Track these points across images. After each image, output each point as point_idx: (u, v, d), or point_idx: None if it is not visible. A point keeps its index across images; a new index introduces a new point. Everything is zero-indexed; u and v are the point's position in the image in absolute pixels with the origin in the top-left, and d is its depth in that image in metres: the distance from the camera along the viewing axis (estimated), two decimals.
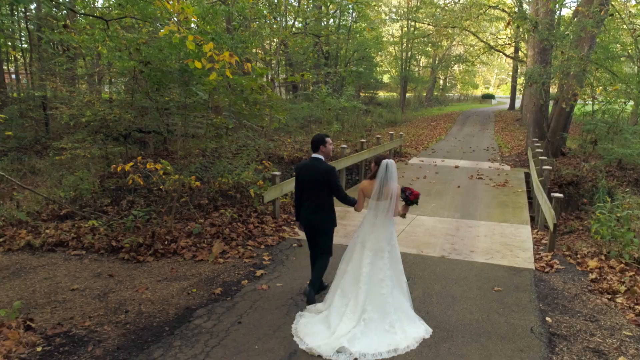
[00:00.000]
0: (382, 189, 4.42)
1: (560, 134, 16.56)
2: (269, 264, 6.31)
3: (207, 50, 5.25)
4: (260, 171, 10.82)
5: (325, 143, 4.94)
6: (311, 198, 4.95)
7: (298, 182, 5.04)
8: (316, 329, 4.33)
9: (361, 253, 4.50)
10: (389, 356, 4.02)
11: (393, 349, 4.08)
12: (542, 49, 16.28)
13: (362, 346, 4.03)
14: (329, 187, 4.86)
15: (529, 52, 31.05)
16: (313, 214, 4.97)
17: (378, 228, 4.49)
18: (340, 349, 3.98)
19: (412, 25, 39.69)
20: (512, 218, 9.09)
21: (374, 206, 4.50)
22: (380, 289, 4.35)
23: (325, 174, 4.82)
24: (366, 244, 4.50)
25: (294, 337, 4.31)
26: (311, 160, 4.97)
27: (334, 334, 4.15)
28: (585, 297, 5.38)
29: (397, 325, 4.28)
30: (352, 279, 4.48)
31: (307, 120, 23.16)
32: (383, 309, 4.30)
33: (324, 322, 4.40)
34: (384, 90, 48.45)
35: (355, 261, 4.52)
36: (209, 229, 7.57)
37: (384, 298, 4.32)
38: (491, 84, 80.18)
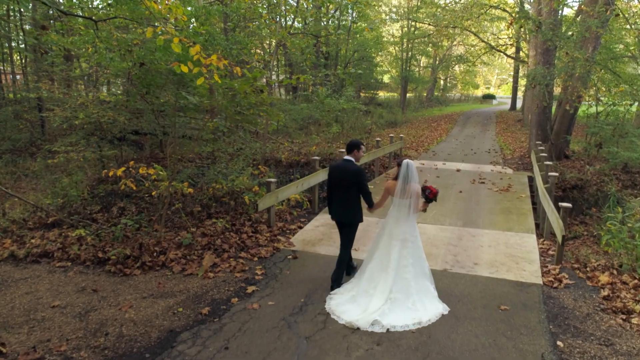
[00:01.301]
0: (404, 188, 5.11)
1: (563, 137, 16.21)
2: (262, 278, 5.97)
3: (193, 53, 4.91)
4: (256, 176, 10.49)
5: (359, 149, 5.57)
6: (341, 195, 5.53)
7: (330, 179, 5.63)
8: (347, 307, 5.00)
9: (389, 243, 5.18)
10: (414, 327, 4.75)
11: (417, 322, 4.81)
12: (545, 49, 15.93)
13: (391, 319, 4.76)
14: (357, 186, 5.43)
15: (530, 53, 30.69)
16: (342, 209, 5.56)
17: (401, 222, 5.17)
18: (374, 322, 4.72)
19: (413, 25, 39.35)
20: (517, 226, 8.75)
21: (398, 203, 5.16)
22: (404, 274, 5.08)
23: (355, 174, 5.42)
24: (392, 235, 5.17)
25: (331, 315, 4.97)
26: (343, 161, 5.59)
27: (367, 311, 4.85)
28: (598, 317, 5.04)
29: (418, 304, 4.99)
30: (379, 265, 5.18)
31: (307, 121, 22.82)
32: (407, 290, 5.02)
33: (352, 301, 5.09)
34: (384, 91, 48.09)
35: (382, 250, 5.21)
36: (200, 239, 7.23)
37: (407, 282, 5.05)
38: (492, 84, 79.81)
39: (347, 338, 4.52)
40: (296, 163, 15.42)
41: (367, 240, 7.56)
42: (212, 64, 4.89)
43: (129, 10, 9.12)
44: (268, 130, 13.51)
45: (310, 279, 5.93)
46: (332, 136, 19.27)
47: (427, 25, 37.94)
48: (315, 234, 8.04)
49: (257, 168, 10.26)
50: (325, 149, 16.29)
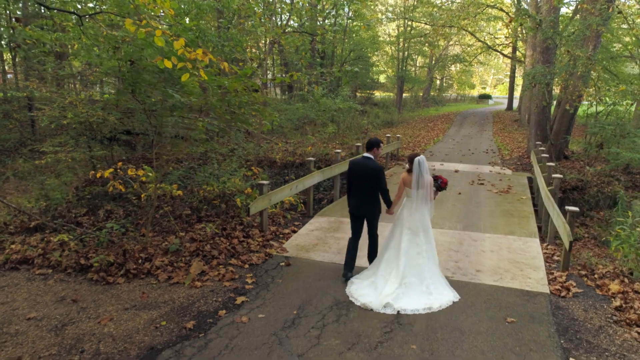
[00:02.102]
0: (419, 180, 5.47)
1: (563, 137, 15.93)
2: (252, 288, 5.61)
3: (177, 47, 4.55)
4: (249, 178, 10.13)
5: (379, 147, 5.93)
6: (361, 190, 5.81)
7: (350, 175, 5.90)
8: (366, 291, 5.34)
9: (401, 232, 5.55)
10: (424, 312, 5.00)
11: (428, 307, 5.07)
12: (545, 48, 15.63)
13: (402, 303, 5.06)
14: (377, 183, 5.72)
15: (527, 52, 30.55)
16: (362, 203, 5.86)
17: (415, 212, 5.53)
18: (386, 305, 5.04)
19: (409, 25, 39.06)
20: (519, 230, 8.43)
21: (415, 194, 5.53)
22: (417, 260, 5.41)
23: (375, 171, 5.70)
24: (404, 224, 5.55)
25: (350, 297, 5.33)
26: (363, 158, 5.87)
27: (381, 294, 5.19)
28: (611, 330, 4.71)
29: (432, 288, 5.30)
30: (394, 252, 5.57)
31: (302, 121, 22.48)
32: (420, 275, 5.34)
33: (372, 286, 5.43)
34: (380, 91, 47.76)
35: (397, 239, 5.58)
36: (189, 244, 6.86)
37: (420, 267, 5.38)
38: (488, 84, 79.67)
39: (343, 355, 4.17)
40: (291, 164, 15.07)
41: (362, 246, 7.19)
42: (197, 58, 4.54)
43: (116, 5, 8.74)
44: (262, 131, 13.12)
45: (303, 288, 5.58)
46: (327, 136, 18.92)
47: (424, 24, 37.66)
48: (310, 238, 7.69)
49: (250, 169, 9.91)
50: (321, 150, 15.95)
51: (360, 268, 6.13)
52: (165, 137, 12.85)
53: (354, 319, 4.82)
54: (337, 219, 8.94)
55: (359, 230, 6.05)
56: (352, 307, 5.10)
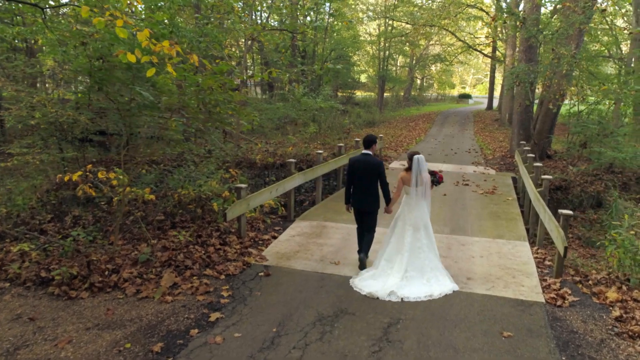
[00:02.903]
0: (418, 178, 5.70)
1: (546, 136, 15.81)
2: (228, 302, 5.16)
3: (142, 39, 4.09)
4: (227, 180, 9.67)
5: (375, 143, 6.21)
6: (363, 185, 6.08)
7: (351, 172, 6.13)
8: (369, 283, 5.59)
9: (403, 228, 5.77)
10: (426, 299, 5.29)
11: (429, 294, 5.37)
12: (528, 46, 15.48)
13: (405, 292, 5.35)
14: (378, 177, 6.03)
15: (507, 52, 30.68)
16: (364, 199, 6.13)
17: (414, 208, 5.75)
18: (390, 293, 5.32)
19: (390, 24, 38.90)
20: (507, 233, 8.15)
21: (414, 192, 5.74)
22: (418, 254, 5.65)
23: (377, 166, 6.02)
24: (406, 221, 5.76)
25: (354, 288, 5.56)
26: (362, 155, 6.12)
27: (385, 285, 5.45)
28: (614, 344, 4.41)
29: (432, 280, 5.57)
30: (395, 248, 5.77)
31: (283, 121, 22.04)
32: (421, 269, 5.60)
33: (373, 278, 5.67)
34: (361, 90, 47.56)
35: (398, 235, 5.79)
36: (160, 254, 6.37)
37: (421, 261, 5.64)
38: (468, 84, 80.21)
39: None
40: (271, 165, 14.62)
41: (349, 254, 6.85)
42: (163, 50, 4.09)
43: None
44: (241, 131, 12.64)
45: (284, 302, 5.16)
46: (309, 136, 18.51)
47: (405, 24, 37.54)
48: (291, 245, 7.27)
49: (228, 171, 9.43)
50: (302, 150, 15.53)
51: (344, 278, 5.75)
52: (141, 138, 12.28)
53: (339, 337, 4.42)
54: (319, 222, 8.54)
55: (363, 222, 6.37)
56: (336, 323, 4.70)
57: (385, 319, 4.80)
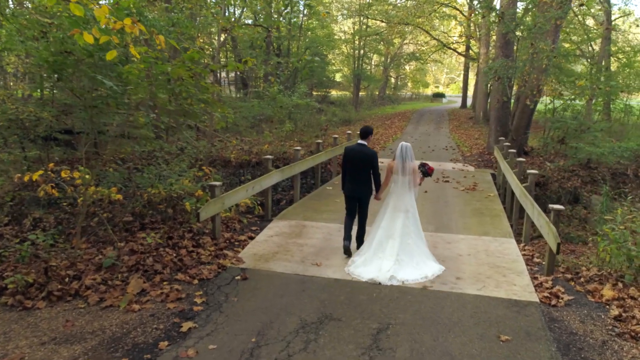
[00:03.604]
0: (404, 166, 5.91)
1: (523, 132, 15.78)
2: (202, 310, 4.71)
3: (101, 16, 3.62)
4: (200, 179, 9.17)
5: (372, 134, 6.47)
6: (356, 174, 6.34)
7: (346, 160, 6.42)
8: (363, 269, 5.72)
9: (392, 215, 6.00)
10: (422, 280, 5.56)
11: (424, 276, 5.64)
12: (505, 43, 15.41)
13: (402, 275, 5.56)
14: (372, 166, 6.27)
15: (481, 50, 30.82)
16: (356, 186, 6.38)
17: (402, 196, 6.00)
18: (391, 277, 5.50)
19: (364, 23, 38.76)
20: (493, 230, 7.91)
21: (398, 180, 5.99)
22: (407, 240, 5.91)
23: (370, 156, 6.26)
24: (395, 208, 6.01)
25: (352, 275, 5.67)
26: (358, 145, 6.35)
27: (381, 270, 5.60)
28: (616, 346, 4.15)
29: (421, 264, 5.82)
30: (385, 233, 5.95)
31: (258, 119, 21.56)
32: (410, 253, 5.84)
33: (365, 265, 5.79)
34: (336, 89, 47.33)
35: (387, 221, 5.99)
36: (127, 258, 5.87)
37: (409, 246, 5.89)
38: (441, 83, 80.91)
39: None
40: (247, 163, 14.16)
41: (331, 254, 6.48)
42: (125, 29, 3.62)
43: None
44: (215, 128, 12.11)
45: (263, 308, 4.74)
46: (285, 134, 18.08)
47: (380, 22, 37.46)
48: (269, 246, 6.85)
49: (201, 169, 8.93)
50: (279, 148, 15.09)
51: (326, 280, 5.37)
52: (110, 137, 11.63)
53: (325, 346, 4.03)
54: (298, 222, 8.14)
55: (354, 209, 6.55)
56: (321, 330, 4.31)
57: (373, 324, 4.44)
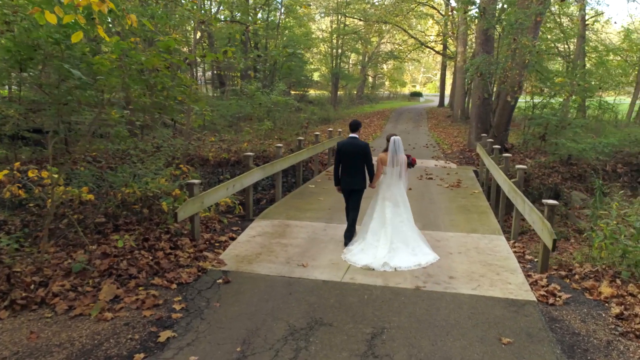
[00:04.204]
0: (394, 158, 6.19)
1: (504, 129, 15.76)
2: (181, 317, 4.35)
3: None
4: (177, 177, 8.76)
5: (361, 127, 6.75)
6: (351, 166, 6.47)
7: (340, 154, 6.52)
8: (360, 257, 5.89)
9: (383, 205, 6.25)
10: (415, 267, 5.68)
11: (417, 263, 5.76)
12: (486, 39, 15.36)
13: (396, 262, 5.71)
14: (365, 158, 6.43)
15: (458, 49, 30.96)
16: (352, 178, 6.49)
17: (393, 187, 6.27)
18: (384, 264, 5.65)
19: (342, 22, 38.60)
20: (481, 227, 7.73)
21: (390, 171, 6.25)
22: (401, 228, 6.12)
23: (363, 148, 6.43)
24: (386, 198, 6.25)
25: (348, 262, 5.84)
26: (350, 138, 6.52)
27: (376, 258, 5.78)
28: (622, 346, 3.96)
29: (417, 250, 6.00)
30: (378, 222, 6.20)
31: (236, 117, 21.14)
32: (405, 241, 6.03)
33: (362, 253, 5.99)
34: (314, 89, 47.07)
35: (379, 211, 6.25)
36: (99, 261, 5.45)
37: (404, 234, 6.09)
38: (418, 82, 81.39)
39: None
40: (225, 162, 13.74)
41: (317, 254, 6.18)
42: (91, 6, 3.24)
43: None
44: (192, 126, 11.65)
45: (248, 314, 4.41)
46: (263, 133, 17.69)
47: (358, 20, 37.36)
48: (252, 246, 6.51)
49: (178, 168, 8.53)
50: (258, 146, 14.72)
51: (308, 280, 5.05)
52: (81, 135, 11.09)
53: (317, 354, 3.73)
54: (281, 221, 7.81)
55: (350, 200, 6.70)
56: (312, 337, 4.00)
57: (367, 328, 4.16)
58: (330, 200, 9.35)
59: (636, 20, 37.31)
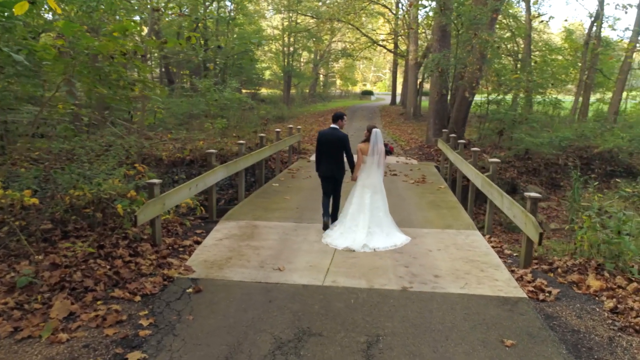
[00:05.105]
0: (374, 148, 6.62)
1: (462, 125, 15.90)
2: (150, 334, 3.82)
3: None
4: (132, 178, 8.09)
5: (343, 119, 6.99)
6: (331, 155, 6.83)
7: (320, 144, 6.90)
8: (340, 241, 6.25)
9: (362, 191, 6.63)
10: (392, 248, 6.13)
11: (393, 244, 6.23)
12: (443, 35, 15.43)
13: (374, 244, 6.16)
14: (343, 148, 6.81)
15: (410, 47, 31.35)
16: (332, 167, 6.87)
17: (372, 175, 6.65)
18: (363, 246, 6.10)
19: (293, 20, 38.19)
20: (454, 222, 7.58)
21: (370, 160, 6.64)
22: (377, 213, 6.53)
23: (342, 139, 6.82)
24: (365, 186, 6.62)
25: (329, 245, 6.20)
26: (330, 129, 6.91)
27: (355, 241, 6.17)
28: (624, 342, 3.81)
29: (390, 234, 6.44)
30: (357, 208, 6.56)
31: (187, 116, 20.32)
32: (380, 225, 6.45)
33: (341, 237, 6.34)
34: (266, 87, 46.42)
35: (358, 197, 6.62)
36: (48, 273, 4.80)
37: (379, 219, 6.50)
38: (369, 81, 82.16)
39: None
40: (180, 161, 13.05)
41: (292, 257, 5.78)
42: None
43: None
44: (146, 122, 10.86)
45: (227, 327, 3.94)
46: (216, 132, 17.02)
47: (311, 18, 37.08)
48: (220, 250, 6.01)
49: (132, 167, 7.86)
50: (215, 144, 14.08)
51: (292, 286, 4.65)
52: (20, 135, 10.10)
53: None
54: (248, 222, 7.34)
55: (330, 189, 7.06)
56: (302, 350, 3.60)
57: (360, 337, 3.80)
58: (297, 199, 8.95)
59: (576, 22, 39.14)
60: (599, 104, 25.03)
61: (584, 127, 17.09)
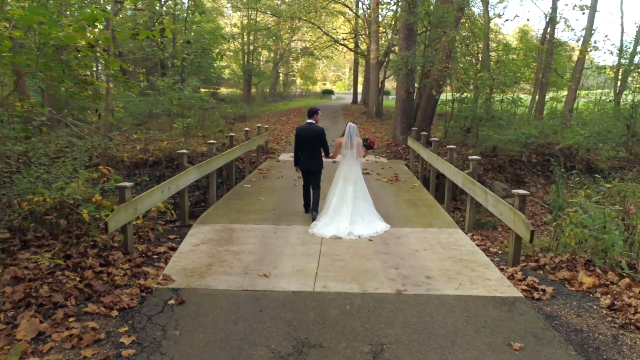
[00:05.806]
0: (351, 141, 7.07)
1: (429, 123, 15.99)
2: (134, 353, 3.46)
3: None
4: (97, 181, 7.58)
5: (318, 113, 7.56)
6: (308, 150, 7.32)
7: (299, 138, 7.37)
8: (325, 230, 6.66)
9: (344, 184, 7.09)
10: (375, 234, 6.62)
11: (375, 231, 6.71)
12: (409, 33, 15.45)
13: (358, 231, 6.61)
14: (321, 141, 7.28)
15: (372, 46, 31.46)
16: (310, 161, 7.38)
17: (351, 167, 7.14)
18: (349, 233, 6.52)
19: (253, 18, 37.67)
20: (435, 220, 7.50)
21: (348, 153, 7.12)
22: (358, 203, 6.99)
23: (319, 132, 7.29)
24: (346, 178, 7.10)
25: (316, 234, 6.60)
26: (307, 124, 7.38)
27: (339, 229, 6.59)
28: (629, 340, 3.76)
29: (371, 223, 6.88)
30: (339, 200, 7.00)
31: (146, 115, 19.59)
32: (362, 215, 6.90)
33: (326, 227, 6.73)
34: (225, 86, 45.56)
35: (340, 189, 7.07)
36: (10, 289, 4.32)
37: (360, 209, 6.95)
38: (328, 80, 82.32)
39: None
40: (143, 163, 12.49)
41: (276, 261, 5.50)
42: None
43: None
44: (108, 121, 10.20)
45: (219, 342, 3.63)
46: (179, 132, 16.43)
47: (271, 16, 36.67)
48: (199, 257, 5.65)
49: (97, 170, 7.34)
50: (179, 145, 13.54)
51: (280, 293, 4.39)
52: None
53: None
54: (224, 226, 6.99)
55: (310, 179, 7.51)
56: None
57: (364, 347, 3.58)
58: (272, 200, 8.66)
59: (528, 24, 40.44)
60: (552, 102, 25.88)
61: (543, 124, 17.56)
